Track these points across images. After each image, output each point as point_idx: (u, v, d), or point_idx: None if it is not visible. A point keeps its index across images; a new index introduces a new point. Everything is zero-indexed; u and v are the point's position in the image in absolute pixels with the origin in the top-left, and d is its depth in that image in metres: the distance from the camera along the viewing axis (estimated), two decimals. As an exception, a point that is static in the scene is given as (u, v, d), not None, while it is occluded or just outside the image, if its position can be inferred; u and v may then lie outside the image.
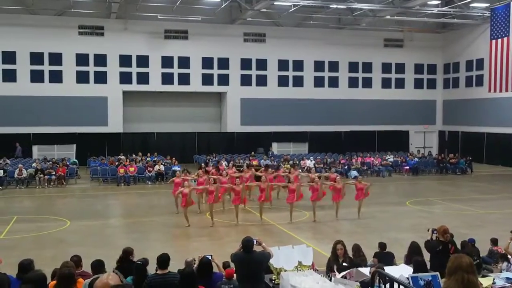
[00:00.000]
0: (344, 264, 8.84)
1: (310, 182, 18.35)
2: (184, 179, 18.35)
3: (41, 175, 25.53)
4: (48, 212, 19.02)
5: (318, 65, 37.13)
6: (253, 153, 32.37)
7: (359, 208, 17.69)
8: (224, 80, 35.51)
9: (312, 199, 17.58)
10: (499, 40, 28.61)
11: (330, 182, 18.64)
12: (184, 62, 34.74)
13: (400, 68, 38.94)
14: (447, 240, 9.01)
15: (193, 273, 7.25)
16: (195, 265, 8.13)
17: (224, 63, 35.43)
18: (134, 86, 34.09)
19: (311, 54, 36.62)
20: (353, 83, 37.88)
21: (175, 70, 34.66)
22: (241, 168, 22.00)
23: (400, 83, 38.99)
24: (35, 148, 32.38)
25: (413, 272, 7.38)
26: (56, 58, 32.55)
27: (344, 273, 7.83)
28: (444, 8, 32.48)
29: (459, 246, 11.07)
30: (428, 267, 8.34)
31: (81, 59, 32.95)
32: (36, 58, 32.18)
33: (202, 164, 22.92)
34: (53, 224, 16.81)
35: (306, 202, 18.85)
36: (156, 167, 27.13)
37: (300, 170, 22.05)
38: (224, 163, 25.82)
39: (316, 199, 17.49)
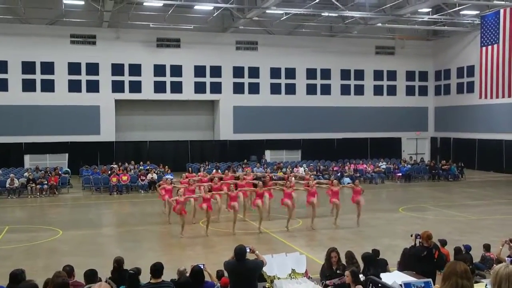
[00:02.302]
0: (338, 271, 8.85)
1: (306, 186, 18.25)
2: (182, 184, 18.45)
3: (33, 185, 25.39)
4: (40, 222, 18.92)
5: (310, 73, 37.25)
6: (246, 161, 32.36)
7: (358, 214, 17.69)
8: (216, 88, 35.54)
9: (308, 201, 17.51)
10: (489, 47, 28.85)
11: (326, 185, 18.63)
12: (177, 70, 34.75)
13: (392, 75, 39.13)
14: (431, 246, 9.05)
15: (189, 283, 7.24)
16: (187, 274, 8.11)
17: (216, 71, 35.48)
18: (127, 95, 34.04)
19: (303, 62, 36.75)
20: (345, 90, 38.01)
21: (168, 79, 34.65)
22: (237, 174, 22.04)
23: (392, 90, 39.17)
24: (27, 158, 32.21)
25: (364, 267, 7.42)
26: (48, 67, 32.47)
27: (337, 280, 7.84)
28: (434, 16, 32.74)
29: (452, 252, 11.12)
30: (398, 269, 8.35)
31: (73, 68, 32.88)
32: (28, 67, 32.08)
33: (189, 168, 22.92)
34: (45, 233, 16.71)
35: (299, 210, 18.88)
36: (149, 176, 27.05)
37: (293, 178, 22.00)
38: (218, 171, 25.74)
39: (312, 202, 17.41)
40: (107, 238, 16.65)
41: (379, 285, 5.52)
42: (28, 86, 32.14)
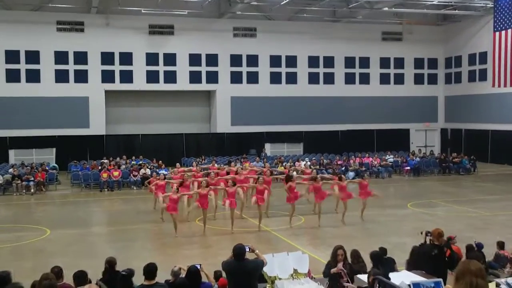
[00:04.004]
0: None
1: (311, 180, 18.18)
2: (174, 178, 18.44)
3: (19, 181, 25.37)
4: (26, 221, 18.93)
5: (313, 61, 37.17)
6: (244, 155, 32.35)
7: (362, 209, 17.77)
8: (213, 77, 35.48)
9: (316, 200, 17.52)
10: (503, 32, 28.78)
11: (333, 181, 18.60)
12: (170, 59, 34.68)
13: (399, 63, 39.06)
14: (442, 244, 9.04)
15: (184, 284, 7.25)
16: (182, 275, 8.11)
17: (212, 59, 35.40)
18: (117, 85, 33.97)
19: (305, 49, 36.66)
20: (349, 79, 37.96)
21: (161, 68, 34.58)
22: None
23: (399, 79, 39.12)
24: (11, 153, 32.17)
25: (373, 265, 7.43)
26: (33, 56, 32.36)
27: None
28: (444, -1, 32.64)
29: (464, 250, 11.14)
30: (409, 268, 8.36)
31: (60, 57, 32.79)
32: (11, 56, 31.96)
33: (177, 164, 22.94)
34: (32, 233, 16.71)
35: (302, 206, 18.89)
36: (142, 171, 27.04)
37: (294, 173, 21.96)
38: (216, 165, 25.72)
39: (320, 199, 17.43)
40: (98, 238, 16.66)
41: (387, 285, 5.52)
42: (12, 76, 32.05)
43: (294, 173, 21.46)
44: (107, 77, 33.65)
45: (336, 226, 17.35)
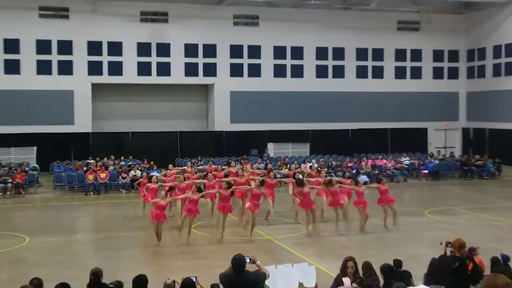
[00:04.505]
0: (354, 284, 8.82)
1: (324, 185, 18.09)
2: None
3: (-4, 183, 25.39)
4: (3, 227, 18.87)
5: (321, 52, 37.13)
6: (245, 155, 32.29)
7: (384, 217, 17.78)
8: (210, 70, 35.45)
9: (335, 206, 17.45)
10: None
11: (350, 186, 18.46)
12: (164, 49, 34.64)
13: (417, 55, 38.99)
14: (463, 256, 8.99)
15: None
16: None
17: (210, 50, 35.36)
18: (105, 78, 33.96)
19: (312, 39, 36.61)
20: (361, 73, 37.91)
21: (153, 59, 34.55)
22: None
23: (416, 73, 39.06)
24: (-12, 152, 32.24)
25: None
26: (12, 45, 32.36)
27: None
28: (467, -15, 32.63)
29: (488, 263, 11.06)
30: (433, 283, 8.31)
31: (43, 46, 32.77)
32: (-11, 45, 32.06)
33: (170, 166, 22.85)
34: (9, 241, 16.65)
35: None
36: (131, 173, 27.01)
37: (300, 176, 21.86)
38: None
39: (336, 205, 17.39)
40: (82, 246, 16.64)
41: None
42: (-11, 67, 32.12)
43: (300, 176, 21.37)
44: (94, 68, 33.61)
45: (346, 234, 17.30)
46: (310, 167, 24.79)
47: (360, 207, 17.57)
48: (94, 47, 33.60)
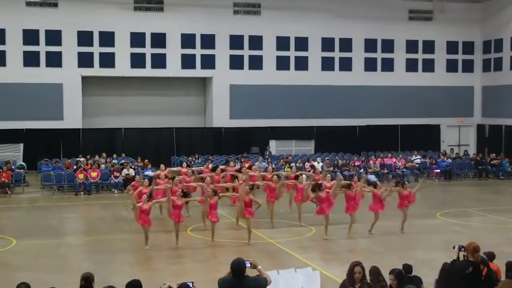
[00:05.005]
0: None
1: (343, 188, 18.05)
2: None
3: (-20, 183, 25.47)
4: (-12, 229, 18.93)
5: (327, 43, 37.10)
6: (245, 153, 32.33)
7: (403, 220, 17.88)
8: (209, 62, 35.44)
9: (349, 211, 17.49)
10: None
11: (369, 188, 18.56)
12: (159, 39, 34.62)
13: (429, 46, 38.97)
14: (478, 260, 9.02)
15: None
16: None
17: (209, 41, 35.36)
18: (96, 70, 33.96)
19: (318, 29, 36.59)
20: (370, 65, 37.88)
21: (148, 50, 34.54)
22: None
23: (429, 66, 39.03)
24: (-29, 149, 32.29)
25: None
26: (-3, 36, 32.46)
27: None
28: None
29: (503, 268, 11.10)
30: None
31: (30, 36, 32.75)
32: (-28, 35, 32.12)
33: (161, 165, 22.82)
34: (-6, 243, 16.72)
35: (310, 215, 18.87)
36: (124, 172, 27.05)
37: (304, 176, 21.84)
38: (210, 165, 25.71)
39: (353, 209, 17.46)
40: (72, 249, 16.66)
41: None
42: (-27, 59, 32.17)
43: (304, 176, 21.40)
44: (85, 60, 33.60)
45: (352, 238, 17.33)
46: (314, 169, 24.62)
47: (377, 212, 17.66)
48: (84, 38, 33.56)
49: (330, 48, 37.24)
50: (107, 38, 33.95)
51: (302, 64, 36.78)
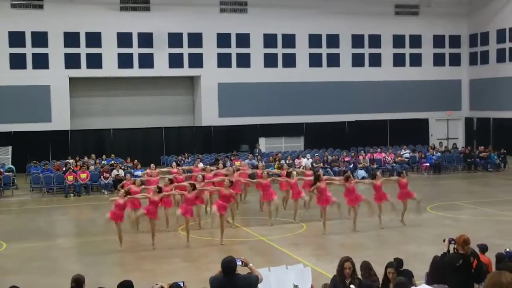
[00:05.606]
0: (352, 286, 8.86)
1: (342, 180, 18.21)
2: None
3: (-32, 186, 25.33)
4: (-23, 233, 18.83)
5: (314, 40, 37.15)
6: (235, 151, 32.31)
7: (403, 212, 18.05)
8: (196, 61, 35.40)
9: (350, 203, 17.56)
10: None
11: (369, 180, 18.76)
12: (146, 39, 34.54)
13: (416, 41, 39.09)
14: (468, 253, 9.06)
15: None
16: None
17: (196, 39, 35.32)
18: (84, 71, 33.86)
19: (305, 26, 36.62)
20: (357, 61, 37.97)
21: (135, 50, 34.47)
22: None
23: (416, 60, 39.16)
24: (-41, 153, 32.11)
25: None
26: (-17, 38, 32.25)
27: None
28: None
29: (493, 259, 11.16)
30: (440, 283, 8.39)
31: (16, 38, 32.62)
32: (-43, 38, 31.90)
33: (152, 165, 22.74)
34: (-16, 247, 16.64)
35: (302, 212, 18.89)
36: (114, 173, 26.99)
37: (294, 173, 21.86)
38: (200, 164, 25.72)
39: (354, 202, 17.53)
40: (63, 252, 16.59)
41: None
42: (-41, 62, 31.96)
43: (294, 172, 21.39)
44: (72, 61, 33.49)
45: (343, 233, 17.37)
46: (304, 167, 24.81)
47: (382, 202, 17.84)
48: (71, 39, 33.46)
49: (318, 45, 37.29)
50: (94, 39, 33.84)
51: (289, 61, 36.80)
